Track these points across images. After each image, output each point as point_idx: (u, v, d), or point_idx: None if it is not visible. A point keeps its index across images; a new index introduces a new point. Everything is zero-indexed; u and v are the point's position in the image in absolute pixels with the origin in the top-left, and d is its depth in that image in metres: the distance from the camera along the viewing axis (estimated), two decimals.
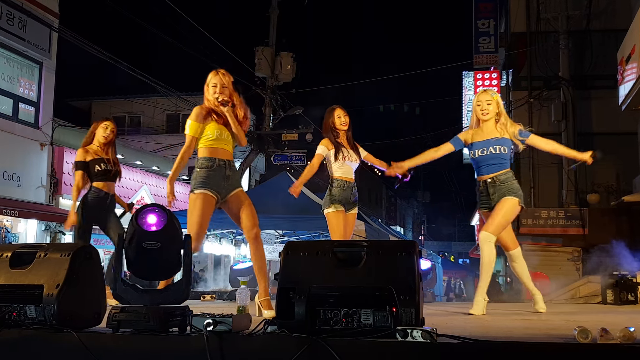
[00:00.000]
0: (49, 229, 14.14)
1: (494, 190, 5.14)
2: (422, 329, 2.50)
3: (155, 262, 3.09)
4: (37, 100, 14.24)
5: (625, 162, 16.08)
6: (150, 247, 3.02)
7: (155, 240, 3.04)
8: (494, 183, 5.14)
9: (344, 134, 5.98)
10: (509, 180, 5.16)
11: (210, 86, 4.83)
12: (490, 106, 5.20)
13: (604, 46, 16.87)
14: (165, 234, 3.05)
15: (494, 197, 5.14)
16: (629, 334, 2.43)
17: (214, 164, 4.62)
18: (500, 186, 5.12)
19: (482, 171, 5.23)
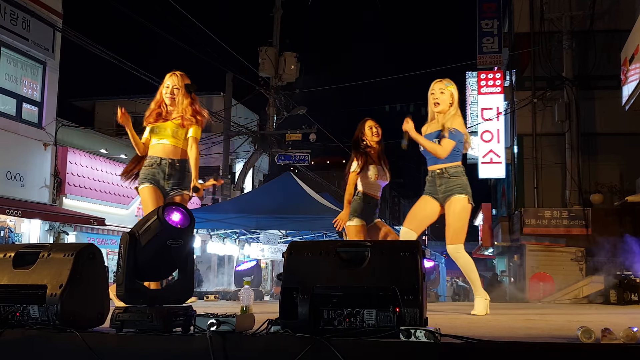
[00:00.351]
0: (52, 229, 14.16)
1: (441, 182, 4.95)
2: (425, 329, 2.50)
3: (172, 260, 3.12)
4: (41, 100, 14.25)
5: (629, 162, 16.07)
6: (174, 245, 3.04)
7: (179, 237, 3.07)
8: (442, 174, 4.95)
9: (376, 146, 5.90)
10: (459, 175, 4.96)
11: (163, 87, 5.03)
12: (443, 95, 4.98)
13: (608, 46, 16.84)
14: (188, 233, 3.12)
15: (440, 189, 4.95)
16: (632, 334, 2.42)
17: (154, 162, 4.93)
18: (448, 179, 4.92)
19: (431, 161, 5.04)
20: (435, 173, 4.99)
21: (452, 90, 5.01)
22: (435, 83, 5.04)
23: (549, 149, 17.94)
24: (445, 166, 4.94)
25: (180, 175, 4.94)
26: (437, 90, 4.98)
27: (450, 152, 4.89)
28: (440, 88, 4.98)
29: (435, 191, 4.99)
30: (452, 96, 5.00)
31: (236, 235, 15.14)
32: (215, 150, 21.13)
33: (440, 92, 4.97)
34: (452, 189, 4.89)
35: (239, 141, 21.41)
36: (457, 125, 4.96)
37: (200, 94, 21.70)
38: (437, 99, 4.96)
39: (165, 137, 4.91)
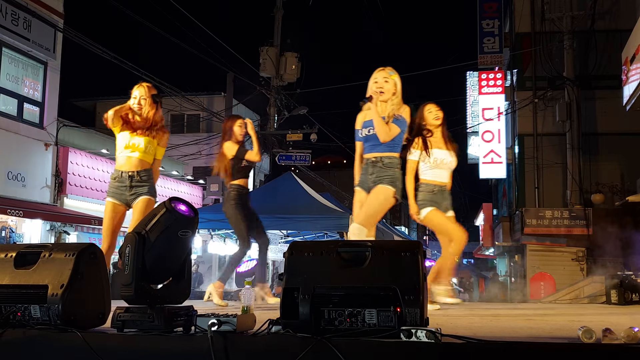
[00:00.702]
0: (54, 229, 14.17)
1: (373, 171, 4.78)
2: (426, 329, 2.50)
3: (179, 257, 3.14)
4: (42, 100, 14.27)
5: (630, 162, 16.08)
6: (183, 236, 3.06)
7: (188, 228, 3.10)
8: (376, 163, 4.78)
9: (438, 130, 5.60)
10: (393, 167, 4.79)
11: (132, 97, 5.28)
12: (387, 84, 4.80)
13: (609, 46, 16.85)
14: (195, 224, 3.16)
15: (371, 177, 4.79)
16: (633, 334, 2.42)
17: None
18: (381, 168, 4.75)
19: (368, 149, 4.87)
20: (370, 161, 4.83)
21: (396, 80, 4.85)
22: (378, 71, 4.87)
23: (549, 149, 17.95)
24: (381, 155, 4.78)
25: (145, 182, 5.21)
26: (380, 79, 4.82)
27: (392, 139, 4.75)
28: (384, 77, 4.82)
29: (366, 180, 4.83)
30: (396, 85, 4.84)
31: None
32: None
33: (384, 80, 4.81)
34: (382, 179, 4.73)
35: None
36: (405, 114, 4.84)
37: (201, 94, 21.75)
38: (381, 87, 4.79)
39: (137, 150, 5.22)
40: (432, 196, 5.44)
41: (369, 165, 4.83)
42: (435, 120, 5.54)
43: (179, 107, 21.02)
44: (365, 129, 4.87)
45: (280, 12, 20.21)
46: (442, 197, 5.47)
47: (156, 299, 3.02)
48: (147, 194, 5.17)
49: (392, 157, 4.79)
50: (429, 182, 5.49)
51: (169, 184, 18.28)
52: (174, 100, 20.34)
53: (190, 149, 20.31)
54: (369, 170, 4.82)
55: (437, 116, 5.56)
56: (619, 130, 16.56)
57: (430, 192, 5.46)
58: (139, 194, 5.15)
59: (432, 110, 5.60)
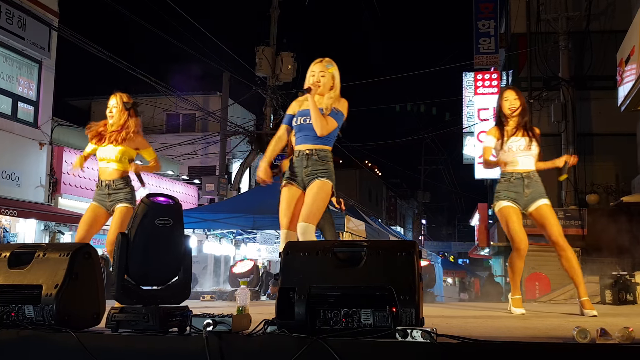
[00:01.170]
0: (48, 228, 14.13)
1: (307, 164, 4.51)
2: (421, 329, 2.50)
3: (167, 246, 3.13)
4: (37, 100, 14.23)
5: (625, 162, 16.10)
6: (163, 224, 3.05)
7: (167, 216, 3.10)
8: (310, 155, 4.52)
9: (514, 120, 5.30)
10: (328, 160, 4.57)
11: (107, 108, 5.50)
12: (324, 78, 4.57)
13: (604, 47, 16.88)
14: (175, 213, 3.14)
15: (306, 170, 4.52)
16: (627, 334, 2.43)
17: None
18: (316, 162, 4.52)
19: (301, 140, 4.62)
20: (303, 153, 4.56)
21: (334, 72, 4.63)
22: (315, 64, 4.65)
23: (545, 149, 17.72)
24: (316, 147, 4.54)
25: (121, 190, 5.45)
26: (317, 72, 4.58)
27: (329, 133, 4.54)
28: (321, 70, 4.59)
29: (299, 173, 4.56)
30: (333, 78, 4.62)
31: (232, 235, 15.13)
32: (212, 150, 21.10)
33: (321, 74, 4.57)
34: (318, 173, 4.51)
35: (235, 141, 21.40)
36: (343, 108, 4.63)
37: (196, 93, 21.71)
38: (318, 81, 4.56)
39: (112, 161, 5.43)
40: (508, 185, 5.17)
41: (303, 158, 4.55)
42: (509, 110, 5.28)
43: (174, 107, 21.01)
44: (301, 117, 4.60)
45: (276, 11, 20.19)
46: (522, 186, 5.13)
47: (145, 299, 3.02)
48: (124, 201, 5.39)
49: (327, 150, 4.59)
50: (503, 172, 5.25)
51: (164, 183, 18.25)
52: (170, 99, 20.33)
53: (185, 148, 20.27)
54: (303, 163, 4.54)
55: (511, 106, 5.28)
56: (614, 131, 16.59)
57: (507, 181, 5.19)
58: (117, 200, 5.39)
59: (508, 98, 5.33)
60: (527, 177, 5.14)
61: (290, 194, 4.57)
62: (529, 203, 5.14)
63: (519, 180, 5.14)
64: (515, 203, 5.16)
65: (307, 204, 4.44)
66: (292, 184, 4.59)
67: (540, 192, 5.14)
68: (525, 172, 5.17)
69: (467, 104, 22.85)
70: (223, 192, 19.44)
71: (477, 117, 21.52)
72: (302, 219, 4.40)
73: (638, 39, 9.95)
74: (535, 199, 5.13)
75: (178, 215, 3.19)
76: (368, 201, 37.66)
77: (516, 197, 5.15)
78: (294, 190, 4.57)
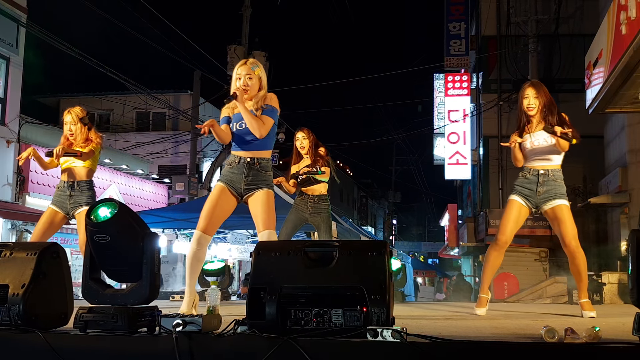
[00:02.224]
0: (15, 227, 13.90)
1: (248, 173, 4.40)
2: (392, 328, 2.51)
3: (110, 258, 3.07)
4: (4, 97, 13.99)
5: (592, 164, 16.36)
6: (101, 241, 3.00)
7: (103, 233, 3.00)
8: (251, 165, 4.42)
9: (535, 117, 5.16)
10: (269, 170, 4.52)
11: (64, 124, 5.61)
12: (251, 81, 4.44)
13: (572, 50, 17.14)
14: (114, 227, 3.00)
15: (246, 180, 4.39)
16: (594, 333, 2.46)
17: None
18: (259, 172, 4.43)
19: (238, 147, 4.50)
20: (244, 161, 4.43)
21: (260, 74, 4.51)
22: (240, 66, 4.53)
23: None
24: (257, 156, 4.46)
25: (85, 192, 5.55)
26: (243, 75, 4.45)
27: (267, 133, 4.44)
28: (247, 73, 4.46)
29: (237, 181, 4.41)
30: (260, 80, 4.50)
31: None
32: (183, 149, 20.96)
33: (248, 77, 4.45)
34: (259, 184, 4.43)
35: (206, 140, 21.26)
36: (274, 103, 4.52)
37: (167, 91, 21.54)
38: (245, 84, 4.43)
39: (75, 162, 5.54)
40: (523, 181, 5.08)
41: (243, 166, 4.42)
42: (528, 110, 5.14)
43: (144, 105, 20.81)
44: (237, 122, 4.46)
45: (248, 10, 20.12)
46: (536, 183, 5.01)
47: (107, 298, 2.99)
48: (85, 205, 5.42)
49: (267, 158, 4.54)
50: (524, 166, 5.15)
51: (134, 182, 18.07)
52: (140, 97, 20.13)
53: (155, 147, 20.10)
54: (243, 172, 4.41)
55: (529, 105, 5.12)
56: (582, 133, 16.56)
57: (523, 176, 5.11)
58: (78, 204, 5.46)
59: (528, 95, 5.16)
60: (544, 175, 5.03)
61: (220, 196, 4.42)
62: (543, 202, 5.02)
63: (534, 177, 5.04)
64: (526, 200, 5.05)
65: (262, 213, 4.35)
66: (227, 186, 4.43)
67: (556, 193, 5.01)
68: (542, 169, 5.06)
69: (437, 105, 23.02)
70: (194, 192, 19.32)
71: (448, 118, 21.70)
72: (264, 227, 4.33)
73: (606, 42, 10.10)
74: (550, 198, 5.00)
75: (118, 228, 3.03)
76: (339, 201, 37.72)
77: (529, 195, 5.04)
78: (226, 194, 4.42)
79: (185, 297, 4.31)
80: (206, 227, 4.35)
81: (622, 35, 8.91)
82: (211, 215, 4.38)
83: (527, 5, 18.17)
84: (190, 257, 4.30)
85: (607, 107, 11.20)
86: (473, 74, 21.92)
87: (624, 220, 13.55)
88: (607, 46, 10.01)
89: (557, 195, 5.01)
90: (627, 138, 13.37)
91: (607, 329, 3.21)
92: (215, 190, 4.46)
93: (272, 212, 4.42)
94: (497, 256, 5.12)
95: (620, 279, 8.33)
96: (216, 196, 4.41)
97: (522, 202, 5.07)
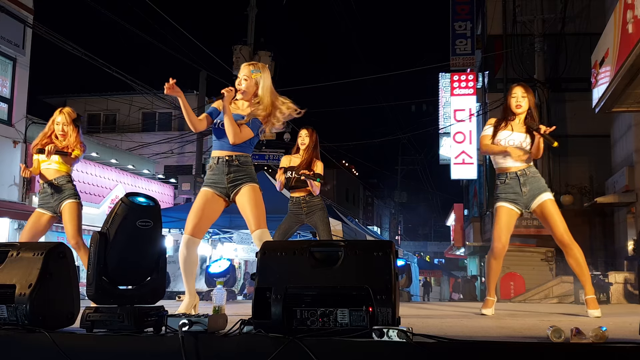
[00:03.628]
0: (22, 227, 13.94)
1: (230, 170, 4.37)
2: (398, 328, 2.50)
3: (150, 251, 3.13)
4: (11, 97, 14.04)
5: (599, 163, 16.31)
6: (144, 226, 3.03)
7: (148, 217, 3.09)
8: (231, 161, 4.38)
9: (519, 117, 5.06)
10: (249, 164, 4.47)
11: (54, 123, 5.64)
12: (246, 82, 4.42)
13: (579, 49, 17.07)
14: (156, 215, 3.15)
15: (229, 177, 4.37)
16: (601, 333, 2.45)
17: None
18: (240, 167, 4.39)
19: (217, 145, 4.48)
20: (223, 160, 4.40)
21: (258, 79, 4.46)
22: (244, 66, 4.52)
23: None
24: (235, 154, 4.40)
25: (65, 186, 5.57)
26: (241, 76, 4.44)
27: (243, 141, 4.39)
28: (245, 74, 4.44)
29: (220, 181, 4.39)
30: (258, 84, 4.45)
31: (209, 234, 15.06)
32: (189, 149, 21.00)
33: (244, 78, 4.43)
34: (242, 178, 4.39)
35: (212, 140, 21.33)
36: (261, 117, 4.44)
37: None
38: (239, 85, 4.43)
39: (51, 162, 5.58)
40: (505, 187, 5.02)
41: (223, 164, 4.39)
42: (515, 108, 5.04)
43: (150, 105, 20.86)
44: (220, 120, 4.43)
45: (254, 10, 20.13)
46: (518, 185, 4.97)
47: (121, 299, 3.00)
48: (69, 197, 5.52)
49: (247, 155, 4.48)
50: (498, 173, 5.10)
51: (140, 182, 18.10)
52: (146, 98, 20.18)
53: (161, 147, 20.14)
54: (224, 170, 4.38)
55: (518, 103, 5.03)
56: (588, 132, 16.79)
57: (502, 183, 5.05)
58: (62, 198, 5.50)
59: (516, 95, 5.07)
60: (522, 175, 5.00)
61: (206, 198, 4.41)
62: (530, 200, 4.99)
63: (514, 180, 5.00)
64: (515, 204, 5.00)
65: (251, 211, 4.36)
66: (211, 189, 4.42)
67: (539, 187, 4.99)
68: (519, 170, 5.02)
69: (443, 104, 23.00)
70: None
71: (454, 117, 21.67)
72: (256, 226, 4.35)
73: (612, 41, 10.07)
74: (535, 195, 4.98)
75: (158, 217, 3.20)
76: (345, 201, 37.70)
77: (515, 198, 4.99)
78: (212, 196, 4.41)
79: (185, 300, 4.33)
80: (193, 231, 4.37)
81: (629, 34, 8.88)
82: (198, 220, 4.39)
83: (533, 4, 18.12)
84: (183, 261, 4.34)
85: (614, 106, 11.16)
86: (479, 73, 21.88)
87: (630, 219, 13.50)
88: (614, 45, 9.98)
89: (541, 189, 5.00)
90: (634, 137, 13.32)
91: (614, 329, 3.20)
92: (199, 195, 4.45)
93: (261, 209, 4.42)
94: (496, 264, 5.11)
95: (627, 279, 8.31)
96: (201, 201, 4.41)
97: (510, 206, 5.02)
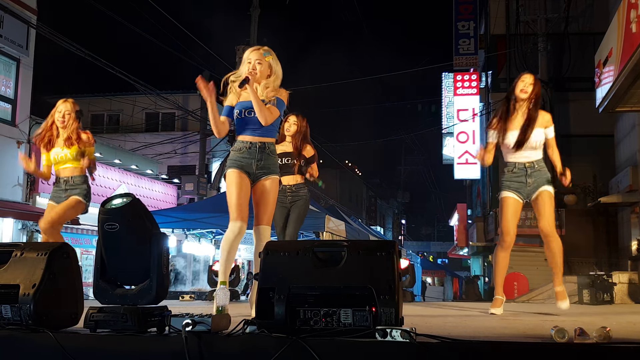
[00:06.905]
0: (25, 228, 13.97)
1: (261, 157, 4.36)
2: (401, 328, 2.50)
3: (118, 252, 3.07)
4: (14, 98, 14.06)
5: (602, 163, 16.29)
6: (110, 229, 3.01)
7: (113, 220, 3.01)
8: (263, 149, 4.37)
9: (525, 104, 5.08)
10: (276, 155, 4.50)
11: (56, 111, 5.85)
12: (260, 66, 4.40)
13: (582, 49, 17.06)
14: (124, 216, 3.02)
15: (259, 164, 4.36)
16: (604, 333, 2.45)
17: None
18: (270, 156, 4.40)
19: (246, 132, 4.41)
20: (255, 145, 4.37)
21: (271, 62, 4.47)
22: (251, 51, 4.50)
23: None
24: (265, 141, 4.41)
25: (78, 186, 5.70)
26: (253, 60, 4.42)
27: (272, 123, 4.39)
28: (257, 58, 4.43)
29: (249, 165, 4.36)
30: (271, 67, 4.46)
31: (212, 235, 15.06)
32: (192, 149, 21.01)
33: (258, 62, 4.41)
34: (270, 168, 4.40)
35: (215, 140, 21.31)
36: (284, 97, 4.48)
37: (176, 92, 21.60)
38: (254, 68, 4.40)
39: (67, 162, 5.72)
40: (510, 175, 5.11)
41: (255, 150, 4.36)
42: (521, 93, 5.06)
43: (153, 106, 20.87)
44: (245, 109, 4.40)
45: (256, 10, 20.14)
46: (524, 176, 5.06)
47: (118, 298, 3.00)
48: (78, 195, 5.63)
49: (273, 143, 4.50)
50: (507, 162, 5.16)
51: (143, 182, 18.12)
52: (149, 98, 20.19)
53: (164, 147, 20.15)
54: (255, 155, 4.35)
55: (524, 87, 5.05)
56: (592, 132, 16.78)
57: (510, 171, 5.13)
58: (72, 194, 5.63)
59: (525, 80, 5.09)
60: (530, 167, 5.08)
61: (242, 182, 4.35)
62: (532, 192, 5.08)
63: (521, 170, 5.08)
64: (518, 193, 5.09)
65: (266, 205, 4.37)
66: (240, 170, 4.35)
67: (543, 180, 5.09)
68: (528, 163, 5.09)
69: (446, 104, 22.97)
70: (203, 192, 19.36)
71: (457, 117, 21.65)
72: (265, 222, 4.37)
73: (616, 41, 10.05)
74: (538, 186, 5.08)
75: (129, 217, 3.04)
76: (348, 201, 37.70)
77: (519, 187, 5.08)
78: (246, 180, 4.36)
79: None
80: (242, 215, 4.31)
81: (633, 33, 8.87)
82: (241, 202, 4.32)
83: (537, 4, 18.10)
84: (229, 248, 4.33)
85: (618, 106, 11.15)
86: (482, 73, 21.86)
87: (634, 219, 13.48)
88: (617, 45, 9.97)
89: (544, 182, 5.11)
90: (638, 137, 13.30)
91: (618, 329, 3.19)
92: (232, 176, 4.36)
93: (274, 206, 4.46)
94: (505, 257, 5.16)
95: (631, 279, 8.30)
96: (237, 181, 4.34)
97: (514, 196, 5.12)
